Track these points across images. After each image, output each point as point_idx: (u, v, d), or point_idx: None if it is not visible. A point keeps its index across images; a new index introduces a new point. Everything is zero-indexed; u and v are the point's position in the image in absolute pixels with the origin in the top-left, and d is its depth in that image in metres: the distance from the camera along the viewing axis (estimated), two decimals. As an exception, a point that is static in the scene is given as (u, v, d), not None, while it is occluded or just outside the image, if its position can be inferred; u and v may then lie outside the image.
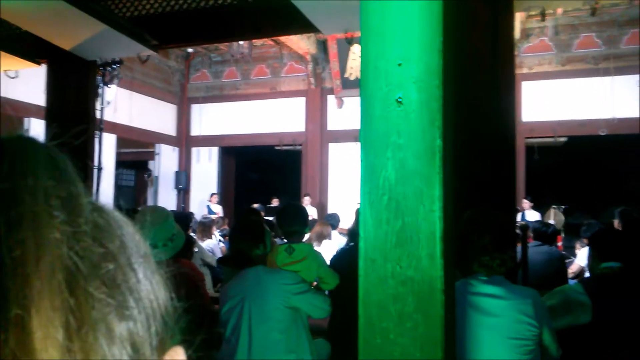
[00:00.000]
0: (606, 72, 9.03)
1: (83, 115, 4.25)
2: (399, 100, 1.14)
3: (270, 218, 6.57)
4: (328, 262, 3.25)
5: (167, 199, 11.46)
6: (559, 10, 8.72)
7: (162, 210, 2.57)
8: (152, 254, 0.39)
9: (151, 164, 11.76)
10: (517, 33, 8.93)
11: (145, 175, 11.83)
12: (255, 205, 8.25)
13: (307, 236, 5.28)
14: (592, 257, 2.49)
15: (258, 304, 2.35)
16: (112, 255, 0.34)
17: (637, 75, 8.71)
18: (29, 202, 0.31)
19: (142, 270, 0.36)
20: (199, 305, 2.61)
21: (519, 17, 8.51)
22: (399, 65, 1.15)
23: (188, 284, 2.56)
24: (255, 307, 2.35)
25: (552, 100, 9.39)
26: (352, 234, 3.58)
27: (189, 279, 2.61)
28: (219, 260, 4.57)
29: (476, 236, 1.85)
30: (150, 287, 0.36)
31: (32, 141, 0.36)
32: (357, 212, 2.91)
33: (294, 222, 3.04)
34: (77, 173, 0.37)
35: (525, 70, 9.67)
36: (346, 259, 3.15)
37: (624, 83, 8.91)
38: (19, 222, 0.31)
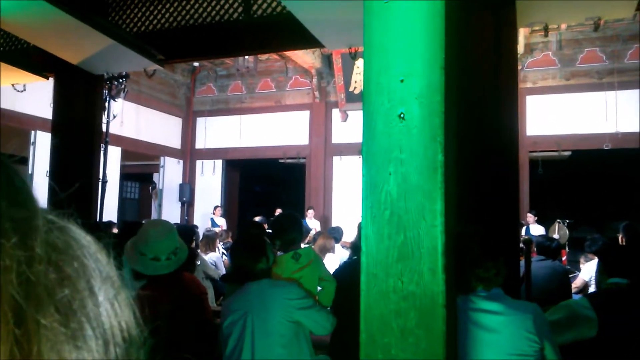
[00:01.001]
0: (610, 87, 9.04)
1: (89, 129, 4.29)
2: (401, 115, 1.15)
3: (274, 231, 6.55)
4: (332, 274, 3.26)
5: (171, 212, 11.47)
6: (563, 26, 8.76)
7: (166, 223, 2.57)
8: (116, 275, 0.37)
9: (155, 177, 11.80)
10: (520, 48, 8.97)
11: (150, 187, 11.86)
12: (258, 218, 8.23)
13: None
14: (600, 271, 2.48)
15: (262, 318, 2.34)
16: (69, 279, 0.32)
17: (641, 90, 8.73)
18: None
19: (103, 292, 0.34)
20: (201, 319, 2.60)
21: (522, 32, 8.56)
22: (401, 81, 1.16)
23: (191, 297, 2.55)
24: (258, 321, 2.33)
25: (556, 115, 9.40)
26: (355, 248, 3.57)
27: (193, 292, 2.61)
28: (222, 278, 4.55)
29: (466, 251, 1.85)
30: (111, 310, 0.34)
31: None
32: (360, 226, 2.91)
33: (291, 230, 3.01)
34: (31, 190, 0.35)
35: (529, 85, 9.70)
36: (349, 273, 3.14)
37: (627, 97, 8.92)
38: None
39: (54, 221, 0.35)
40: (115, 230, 5.99)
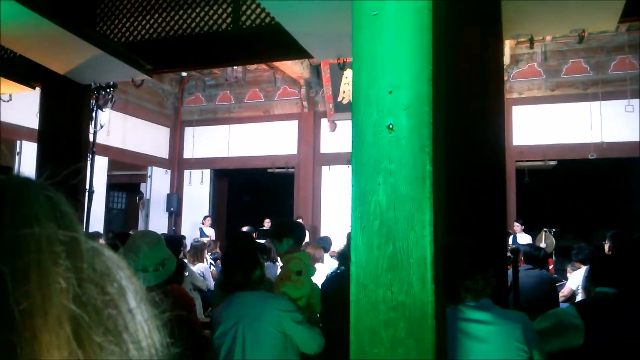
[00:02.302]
0: (594, 97, 9.17)
1: (76, 139, 4.25)
2: (390, 126, 1.16)
3: (262, 241, 6.54)
4: (320, 285, 3.27)
5: (158, 222, 11.39)
6: (548, 37, 8.90)
7: (153, 234, 2.54)
8: (148, 297, 0.38)
9: (143, 187, 11.72)
10: (506, 59, 9.08)
11: (137, 198, 11.77)
12: (246, 228, 8.21)
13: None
14: (588, 279, 2.50)
15: (253, 329, 2.33)
16: (113, 301, 0.34)
17: (625, 100, 8.88)
18: (34, 251, 0.31)
19: (140, 314, 0.36)
20: (190, 331, 2.58)
21: (508, 43, 8.67)
22: (390, 92, 1.17)
23: (180, 309, 2.53)
24: (249, 331, 2.33)
25: (542, 125, 9.51)
26: (342, 257, 3.58)
27: (179, 305, 2.59)
28: (220, 286, 4.57)
29: (454, 262, 1.86)
30: (147, 331, 0.36)
31: (30, 183, 0.36)
32: (349, 236, 2.97)
33: (299, 230, 3.28)
34: (74, 213, 0.36)
35: (515, 95, 9.81)
36: (336, 284, 3.15)
37: (612, 108, 9.06)
38: (26, 273, 0.30)
39: (92, 245, 0.36)
40: (102, 242, 5.93)
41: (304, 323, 2.47)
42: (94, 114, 6.01)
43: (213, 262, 6.71)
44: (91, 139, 5.21)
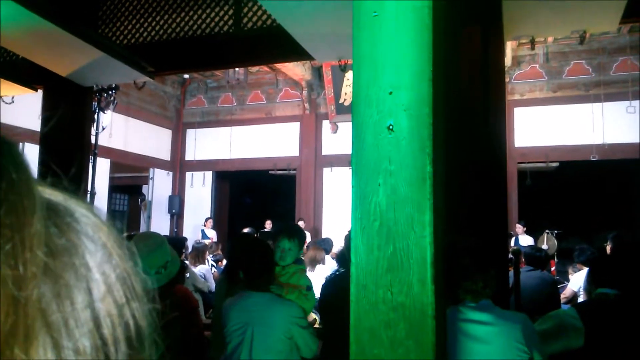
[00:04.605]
0: (596, 99, 9.16)
1: (78, 141, 4.26)
2: (390, 127, 1.16)
3: (264, 243, 6.53)
4: (320, 286, 3.27)
5: (160, 224, 11.39)
6: (549, 39, 8.89)
7: (156, 237, 2.51)
8: (134, 275, 0.31)
9: (145, 189, 11.73)
10: (508, 60, 9.08)
11: (139, 200, 11.78)
12: (247, 230, 8.21)
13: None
14: (589, 281, 2.50)
15: (263, 334, 2.34)
16: (67, 286, 0.27)
17: (627, 102, 8.86)
18: None
19: (111, 300, 0.29)
20: (194, 332, 2.58)
21: (509, 45, 8.67)
22: (390, 93, 1.17)
23: (183, 310, 2.53)
24: (259, 335, 2.34)
25: (544, 126, 9.50)
26: (341, 259, 3.57)
27: (184, 306, 2.58)
28: (228, 279, 4.55)
29: (454, 262, 1.86)
30: (112, 325, 0.29)
31: None
32: (347, 238, 2.95)
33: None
34: (31, 181, 0.28)
35: (517, 97, 9.80)
36: (336, 285, 3.14)
37: (614, 109, 9.04)
38: None
39: (57, 209, 0.29)
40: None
41: (309, 328, 2.51)
42: (96, 116, 6.03)
43: (214, 264, 6.72)
44: (93, 141, 5.22)
